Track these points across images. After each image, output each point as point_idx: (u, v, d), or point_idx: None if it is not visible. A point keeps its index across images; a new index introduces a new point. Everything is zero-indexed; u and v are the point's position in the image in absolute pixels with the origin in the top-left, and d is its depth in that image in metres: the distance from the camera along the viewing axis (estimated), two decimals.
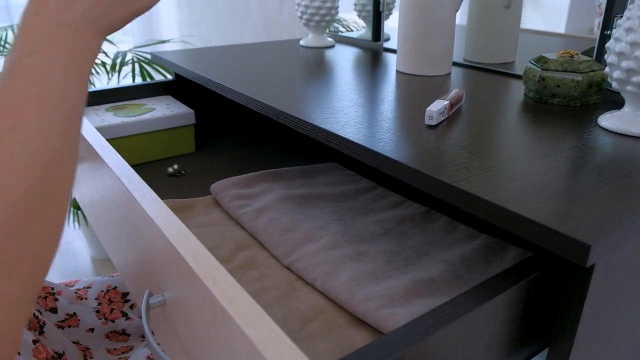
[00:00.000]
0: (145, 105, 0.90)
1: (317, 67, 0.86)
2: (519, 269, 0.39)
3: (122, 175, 0.49)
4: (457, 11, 0.77)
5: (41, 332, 0.68)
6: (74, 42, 0.32)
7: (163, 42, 1.53)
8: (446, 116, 0.58)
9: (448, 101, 0.57)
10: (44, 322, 0.69)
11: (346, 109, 0.61)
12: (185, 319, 0.39)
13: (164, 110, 0.87)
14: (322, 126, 0.55)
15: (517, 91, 0.71)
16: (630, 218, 0.36)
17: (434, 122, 0.55)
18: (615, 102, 0.65)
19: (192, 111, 0.88)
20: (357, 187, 0.74)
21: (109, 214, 0.59)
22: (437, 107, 0.55)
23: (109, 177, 0.54)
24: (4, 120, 0.29)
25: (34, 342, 0.64)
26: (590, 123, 0.57)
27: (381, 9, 1.00)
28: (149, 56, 1.64)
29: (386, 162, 0.47)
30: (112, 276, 0.87)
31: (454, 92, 0.62)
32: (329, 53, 0.99)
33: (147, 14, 2.21)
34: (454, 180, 0.42)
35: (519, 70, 0.81)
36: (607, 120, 0.55)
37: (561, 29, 0.83)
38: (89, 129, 0.65)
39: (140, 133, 0.83)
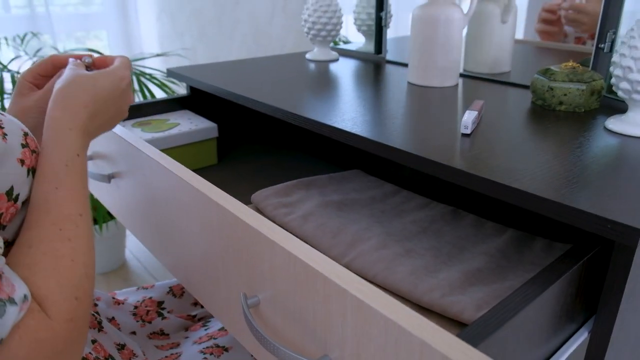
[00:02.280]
0: (169, 120, 0.94)
1: (332, 80, 0.92)
2: (575, 252, 0.46)
3: (202, 186, 0.54)
4: (464, 28, 0.85)
5: (100, 329, 0.71)
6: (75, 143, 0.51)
7: (159, 55, 1.55)
8: (476, 125, 0.65)
9: (477, 112, 0.65)
10: (101, 319, 0.72)
11: (384, 121, 0.68)
12: (290, 314, 0.44)
13: (188, 125, 0.91)
14: (373, 138, 0.61)
15: (523, 99, 0.79)
16: None
17: (468, 131, 0.62)
18: (611, 107, 0.74)
19: (215, 125, 0.92)
20: (383, 191, 0.80)
21: (174, 224, 0.62)
22: (470, 117, 0.62)
23: (183, 191, 0.58)
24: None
25: (93, 341, 0.67)
26: (598, 127, 0.65)
27: (383, 24, 1.07)
28: (145, 70, 1.65)
29: (441, 169, 0.53)
30: (146, 288, 0.90)
31: (476, 102, 0.69)
32: (336, 66, 1.06)
33: (125, 28, 2.20)
34: (508, 181, 0.49)
35: (516, 79, 0.90)
36: (613, 124, 0.64)
37: (519, 35, 0.92)
38: (138, 141, 0.67)
39: (169, 147, 0.87)
